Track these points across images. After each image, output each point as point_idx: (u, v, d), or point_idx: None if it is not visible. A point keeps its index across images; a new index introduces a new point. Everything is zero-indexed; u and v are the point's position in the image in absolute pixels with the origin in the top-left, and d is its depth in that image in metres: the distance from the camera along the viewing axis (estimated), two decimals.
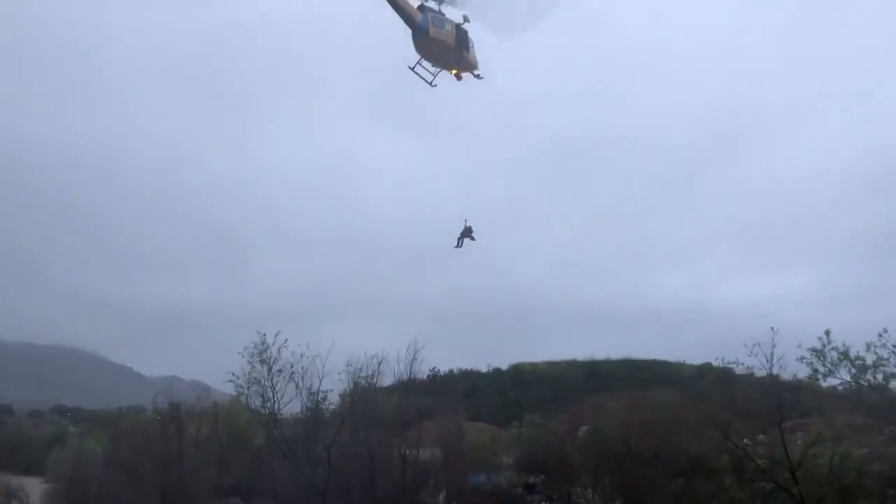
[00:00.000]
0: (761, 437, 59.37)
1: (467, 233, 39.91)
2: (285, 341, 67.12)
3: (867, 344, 54.54)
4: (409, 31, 33.45)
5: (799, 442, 56.49)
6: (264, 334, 66.87)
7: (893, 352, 53.85)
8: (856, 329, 58.26)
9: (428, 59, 34.89)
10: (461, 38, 34.57)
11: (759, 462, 54.16)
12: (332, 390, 70.11)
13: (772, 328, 60.52)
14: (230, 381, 66.58)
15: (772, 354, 59.87)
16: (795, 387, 61.27)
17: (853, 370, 55.32)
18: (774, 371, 60.77)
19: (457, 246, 40.23)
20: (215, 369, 72.87)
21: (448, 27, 34.04)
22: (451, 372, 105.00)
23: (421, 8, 33.55)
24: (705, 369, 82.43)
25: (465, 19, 34.27)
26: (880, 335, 54.23)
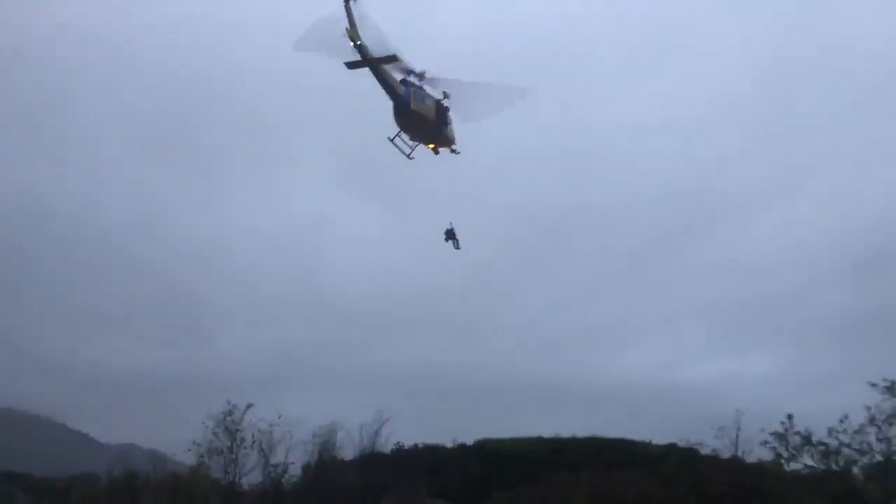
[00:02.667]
0: None
1: (451, 234, 39.34)
2: (248, 407, 66.17)
3: (829, 429, 55.22)
4: (391, 103, 34.17)
5: None
6: (234, 404, 66.06)
7: (855, 438, 54.50)
8: (818, 413, 58.98)
9: (407, 132, 35.34)
10: (441, 113, 35.22)
11: None
12: (293, 463, 68.84)
13: (737, 411, 61.27)
14: (191, 449, 65.23)
15: (737, 437, 60.48)
16: (759, 470, 61.45)
17: (816, 455, 55.77)
18: (739, 454, 61.12)
19: (456, 248, 39.61)
20: (175, 438, 70.88)
21: (429, 102, 34.72)
22: (415, 446, 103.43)
23: (404, 82, 34.28)
24: (671, 450, 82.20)
25: (446, 95, 35.00)
26: (841, 421, 55.01)
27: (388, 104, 34.35)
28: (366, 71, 33.09)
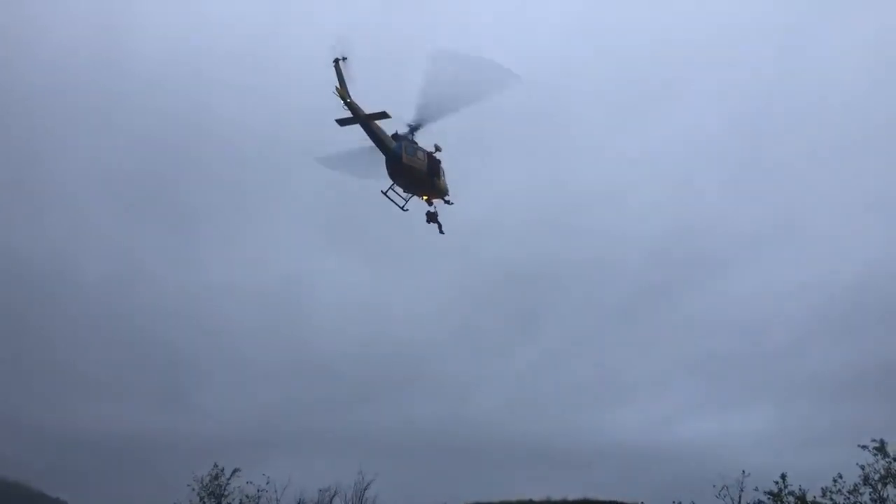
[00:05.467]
0: None
1: (433, 217, 37.64)
2: (234, 472, 64.62)
3: (823, 489, 54.43)
4: (382, 157, 34.76)
5: None
6: (222, 468, 64.40)
7: (849, 498, 53.72)
8: (811, 472, 58.13)
9: (400, 185, 36.06)
10: (433, 165, 35.92)
11: None
12: None
13: (743, 472, 60.28)
14: None
15: (739, 499, 59.35)
16: None
17: None
18: None
19: (440, 232, 37.65)
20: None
21: (420, 155, 35.43)
22: None
23: (395, 136, 35.08)
24: None
25: (437, 148, 35.78)
26: (835, 480, 54.30)
27: (375, 157, 35.01)
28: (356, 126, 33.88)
